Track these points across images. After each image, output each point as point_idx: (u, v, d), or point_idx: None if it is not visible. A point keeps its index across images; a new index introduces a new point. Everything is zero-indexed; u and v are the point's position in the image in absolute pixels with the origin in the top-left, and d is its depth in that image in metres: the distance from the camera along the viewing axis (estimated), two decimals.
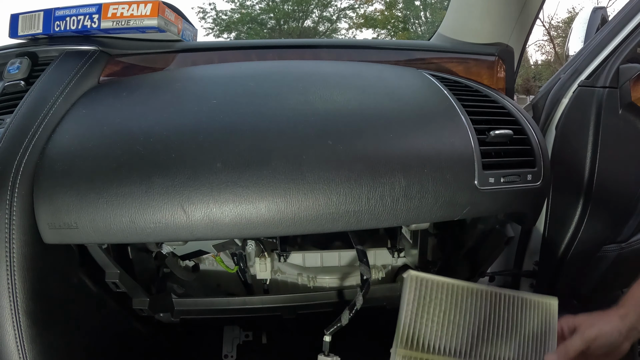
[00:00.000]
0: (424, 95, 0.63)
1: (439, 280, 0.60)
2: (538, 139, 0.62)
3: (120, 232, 0.49)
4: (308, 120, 0.54)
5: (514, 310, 0.62)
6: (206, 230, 0.49)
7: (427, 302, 0.58)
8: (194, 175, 0.49)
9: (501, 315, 0.61)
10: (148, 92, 0.62)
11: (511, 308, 0.62)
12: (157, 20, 0.68)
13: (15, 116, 0.56)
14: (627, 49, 0.72)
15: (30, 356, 0.49)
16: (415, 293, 0.58)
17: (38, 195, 0.50)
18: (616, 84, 0.72)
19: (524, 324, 0.61)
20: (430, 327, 0.58)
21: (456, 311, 0.59)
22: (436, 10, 12.71)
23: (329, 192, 0.50)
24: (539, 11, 0.79)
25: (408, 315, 0.57)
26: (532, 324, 0.62)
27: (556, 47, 12.25)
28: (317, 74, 0.66)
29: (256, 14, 12.89)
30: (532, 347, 0.61)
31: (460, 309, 0.59)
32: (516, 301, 0.62)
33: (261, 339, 0.99)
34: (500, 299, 0.62)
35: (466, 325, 0.59)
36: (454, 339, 0.58)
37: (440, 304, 0.59)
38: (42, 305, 0.51)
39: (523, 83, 11.95)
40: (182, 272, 0.78)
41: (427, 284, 0.59)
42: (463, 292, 0.60)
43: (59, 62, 0.66)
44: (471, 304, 0.60)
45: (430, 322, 0.58)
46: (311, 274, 0.82)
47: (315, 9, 13.26)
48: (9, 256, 0.48)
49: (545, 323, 0.62)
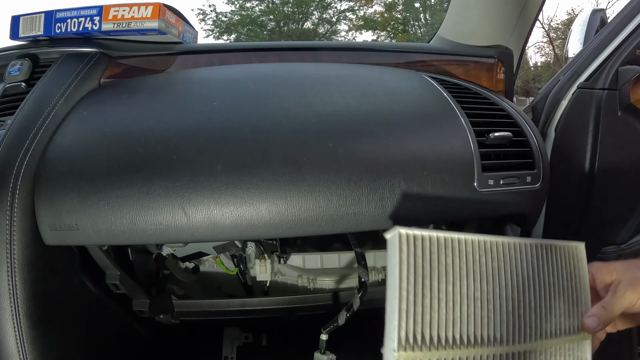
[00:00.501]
0: (424, 98, 0.63)
1: (440, 236, 0.40)
2: (537, 140, 0.62)
3: (121, 233, 0.49)
4: (308, 122, 0.55)
5: (540, 263, 0.46)
6: (207, 232, 0.49)
7: (427, 273, 0.39)
8: (195, 177, 0.49)
9: (526, 274, 0.44)
10: (149, 94, 0.62)
11: (536, 261, 0.45)
12: (158, 22, 0.68)
13: (16, 118, 0.56)
14: (626, 51, 0.72)
15: (31, 357, 0.49)
16: (409, 261, 0.38)
17: (39, 196, 0.50)
18: (615, 85, 0.72)
19: (553, 281, 0.46)
20: (438, 310, 0.39)
21: (469, 279, 0.41)
22: (436, 13, 12.74)
23: (329, 194, 0.50)
24: (538, 13, 0.79)
25: (404, 297, 0.37)
26: (562, 278, 0.47)
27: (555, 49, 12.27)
28: (317, 77, 0.66)
29: (256, 15, 12.90)
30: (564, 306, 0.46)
31: (474, 274, 0.41)
32: (541, 251, 0.46)
33: (261, 341, 0.99)
34: (521, 250, 0.45)
35: (485, 297, 0.41)
36: (472, 322, 0.40)
37: (446, 272, 0.40)
38: (43, 307, 0.51)
39: (522, 85, 11.96)
40: (182, 274, 0.78)
41: (424, 245, 0.39)
42: (475, 249, 0.42)
43: (59, 64, 0.66)
44: (487, 263, 0.42)
45: (437, 303, 0.39)
46: (311, 276, 0.82)
47: (315, 11, 13.28)
48: (9, 257, 0.48)
49: (575, 276, 0.48)
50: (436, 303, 0.39)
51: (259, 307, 0.78)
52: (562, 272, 0.47)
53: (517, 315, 0.42)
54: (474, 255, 0.42)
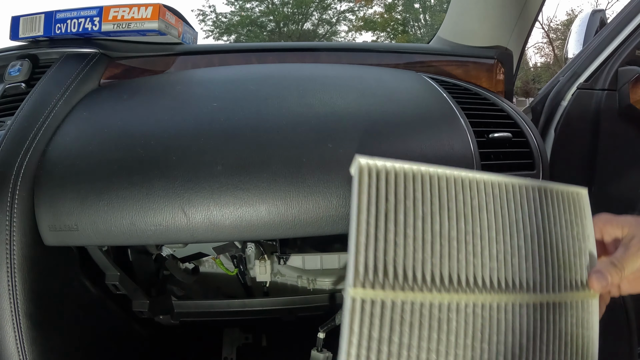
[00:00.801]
0: (423, 98, 0.63)
1: (408, 168, 0.35)
2: (537, 141, 0.62)
3: (120, 234, 0.49)
4: (308, 123, 0.55)
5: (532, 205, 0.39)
6: (206, 233, 0.49)
7: (391, 206, 0.33)
8: (195, 177, 0.49)
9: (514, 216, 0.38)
10: (149, 94, 0.62)
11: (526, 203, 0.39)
12: (158, 23, 0.68)
13: (16, 118, 0.56)
14: (625, 52, 0.72)
15: (30, 358, 0.49)
16: (371, 192, 0.33)
17: (39, 197, 0.50)
18: (615, 86, 0.72)
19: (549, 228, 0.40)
20: (404, 246, 0.33)
21: (443, 216, 0.35)
22: (435, 13, 12.75)
23: (329, 194, 0.50)
24: (538, 14, 0.79)
25: (363, 229, 0.32)
26: (559, 226, 0.40)
27: (555, 50, 12.28)
28: (317, 77, 0.66)
29: (256, 16, 12.92)
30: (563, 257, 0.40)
31: (450, 211, 0.35)
32: (533, 193, 0.40)
33: (261, 342, 0.99)
34: (507, 190, 0.39)
35: (463, 238, 0.35)
36: (447, 263, 0.34)
37: (415, 207, 0.34)
38: (43, 307, 0.51)
39: (522, 85, 11.98)
40: (182, 275, 0.78)
41: (389, 177, 0.34)
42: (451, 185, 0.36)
43: (59, 64, 0.66)
44: (464, 200, 0.36)
45: (404, 239, 0.33)
46: (311, 277, 0.82)
47: (315, 12, 13.30)
48: (9, 258, 0.48)
49: (577, 224, 0.42)
50: (402, 239, 0.33)
51: (259, 308, 0.78)
52: (560, 219, 0.41)
53: (502, 261, 0.36)
54: (450, 191, 0.36)
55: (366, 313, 0.30)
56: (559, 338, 0.38)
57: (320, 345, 0.67)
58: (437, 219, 0.35)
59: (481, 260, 0.35)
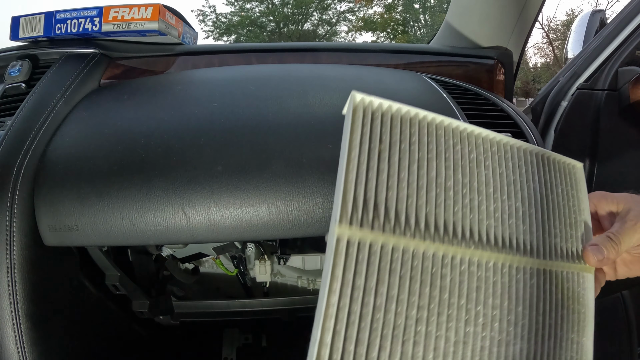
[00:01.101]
0: (423, 99, 0.63)
1: (406, 109, 0.33)
2: (537, 141, 0.62)
3: (121, 234, 0.49)
4: (308, 123, 0.55)
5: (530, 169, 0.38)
6: (207, 233, 0.49)
7: (386, 146, 0.31)
8: (195, 178, 0.49)
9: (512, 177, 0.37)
10: (149, 95, 0.62)
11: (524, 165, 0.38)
12: (158, 23, 0.68)
13: (16, 118, 0.56)
14: (626, 52, 0.72)
15: (30, 358, 0.49)
16: (364, 129, 0.30)
17: (39, 197, 0.50)
18: (615, 86, 0.72)
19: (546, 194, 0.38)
20: (397, 189, 0.30)
21: (440, 164, 0.33)
22: (435, 14, 12.76)
23: (330, 195, 0.50)
24: (537, 14, 0.79)
25: (354, 166, 0.28)
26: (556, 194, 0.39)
27: (555, 50, 12.29)
28: (317, 78, 0.66)
29: (256, 17, 12.92)
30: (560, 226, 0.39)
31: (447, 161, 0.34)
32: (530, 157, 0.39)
33: (261, 342, 0.99)
34: (506, 150, 0.37)
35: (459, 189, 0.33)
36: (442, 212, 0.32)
37: (411, 150, 0.32)
38: (43, 308, 0.51)
39: (522, 86, 11.98)
40: (181, 275, 0.78)
41: (384, 116, 0.32)
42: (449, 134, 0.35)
43: (59, 65, 0.66)
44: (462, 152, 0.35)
45: (397, 181, 0.30)
46: (311, 277, 0.82)
47: (314, 12, 13.30)
48: (9, 258, 0.48)
49: (572, 196, 0.40)
50: (395, 181, 0.30)
51: (259, 308, 0.78)
52: (557, 188, 0.40)
53: (499, 219, 0.35)
54: (447, 140, 0.34)
55: (351, 257, 0.27)
56: (554, 310, 0.36)
57: None
58: (434, 166, 0.32)
59: (477, 215, 0.33)
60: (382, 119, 0.31)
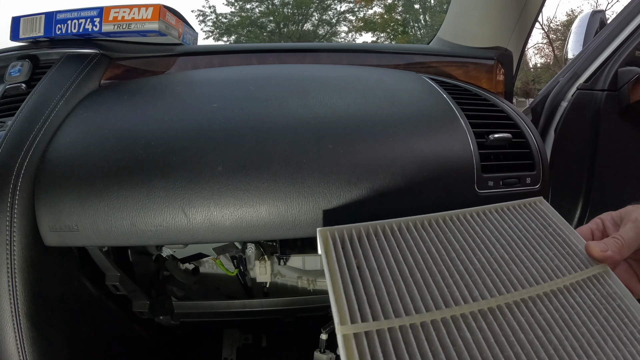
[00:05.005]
0: (423, 99, 0.63)
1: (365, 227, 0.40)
2: (537, 142, 0.62)
3: (121, 234, 0.49)
4: (308, 124, 0.55)
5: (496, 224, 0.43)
6: (207, 233, 0.49)
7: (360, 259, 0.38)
8: (195, 178, 0.49)
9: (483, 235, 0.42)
10: (149, 95, 0.62)
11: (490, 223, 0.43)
12: (158, 24, 0.68)
13: (17, 119, 0.56)
14: (625, 52, 0.72)
15: (30, 358, 0.49)
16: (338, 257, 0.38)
17: (39, 197, 0.50)
18: (615, 87, 0.72)
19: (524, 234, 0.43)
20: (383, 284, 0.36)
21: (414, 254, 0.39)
22: (435, 14, 12.77)
23: (329, 195, 0.50)
24: (537, 15, 0.79)
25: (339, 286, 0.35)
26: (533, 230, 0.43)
27: (555, 50, 12.29)
28: (317, 78, 0.66)
29: (256, 17, 12.93)
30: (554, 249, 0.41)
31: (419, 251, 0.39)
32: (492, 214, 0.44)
33: (261, 342, 0.99)
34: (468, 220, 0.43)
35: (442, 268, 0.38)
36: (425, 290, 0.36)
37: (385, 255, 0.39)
38: (43, 308, 0.51)
39: (522, 86, 11.98)
40: (182, 275, 0.78)
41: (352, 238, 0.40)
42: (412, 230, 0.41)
43: (60, 65, 0.66)
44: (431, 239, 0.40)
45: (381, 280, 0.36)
46: (311, 277, 0.82)
47: (314, 13, 13.31)
48: (9, 258, 0.48)
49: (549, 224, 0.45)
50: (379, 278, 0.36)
51: (259, 309, 0.78)
52: (531, 224, 0.44)
53: (489, 272, 0.38)
54: (412, 234, 0.40)
55: (361, 345, 0.31)
56: (593, 316, 0.36)
57: (323, 346, 0.67)
58: (409, 258, 0.38)
59: (469, 278, 0.37)
60: (350, 240, 0.39)
